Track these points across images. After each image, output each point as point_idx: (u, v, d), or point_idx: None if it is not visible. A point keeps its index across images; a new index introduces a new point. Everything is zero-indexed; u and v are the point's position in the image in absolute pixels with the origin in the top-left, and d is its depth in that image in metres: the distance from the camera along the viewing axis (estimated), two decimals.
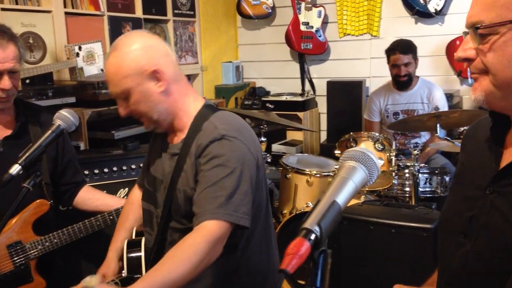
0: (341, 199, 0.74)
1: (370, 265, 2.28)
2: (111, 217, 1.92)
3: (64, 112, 1.40)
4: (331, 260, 0.67)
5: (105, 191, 2.46)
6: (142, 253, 1.54)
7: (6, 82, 1.72)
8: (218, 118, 1.43)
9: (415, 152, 2.87)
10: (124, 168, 2.57)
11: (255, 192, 1.43)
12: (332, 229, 0.69)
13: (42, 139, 1.34)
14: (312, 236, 0.67)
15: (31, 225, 1.82)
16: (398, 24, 4.36)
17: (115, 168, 2.55)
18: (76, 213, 2.04)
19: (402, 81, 3.54)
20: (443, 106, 3.52)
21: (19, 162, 1.28)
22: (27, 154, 1.30)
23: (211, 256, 1.31)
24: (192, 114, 1.46)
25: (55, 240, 1.84)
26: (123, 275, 1.54)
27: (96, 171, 2.50)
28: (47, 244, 1.82)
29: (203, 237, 1.29)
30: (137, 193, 1.76)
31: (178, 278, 1.26)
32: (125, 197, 2.50)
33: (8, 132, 1.84)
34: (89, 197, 2.05)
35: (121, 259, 1.63)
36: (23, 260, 1.80)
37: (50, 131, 1.37)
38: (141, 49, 1.39)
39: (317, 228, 0.68)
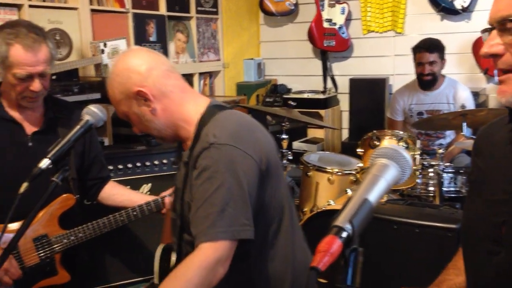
0: (373, 197, 0.73)
1: (392, 264, 2.25)
2: (134, 213, 1.93)
3: (92, 107, 1.41)
4: (362, 259, 0.66)
5: (128, 187, 2.49)
6: (171, 262, 1.52)
7: (36, 85, 1.74)
8: (215, 122, 1.35)
9: (440, 151, 2.82)
10: (147, 164, 2.60)
11: (263, 196, 1.35)
12: (363, 227, 0.68)
13: (71, 134, 1.35)
14: (344, 234, 0.66)
15: (57, 219, 1.85)
16: (423, 21, 4.29)
17: (138, 164, 2.58)
18: (100, 208, 2.06)
19: (426, 80, 3.48)
20: (470, 106, 3.45)
21: (49, 156, 1.29)
22: (56, 149, 1.31)
23: (211, 280, 1.23)
24: (194, 121, 1.39)
25: (80, 234, 1.86)
26: (154, 282, 1.54)
27: (120, 166, 2.53)
28: (72, 238, 1.84)
29: (198, 262, 1.22)
30: None
31: None
32: (148, 192, 2.53)
33: (37, 127, 1.87)
34: (114, 192, 2.07)
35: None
36: (49, 253, 1.82)
37: (78, 126, 1.38)
38: (123, 71, 1.36)
39: (348, 226, 0.67)
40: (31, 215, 1.29)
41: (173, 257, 1.50)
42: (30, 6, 2.84)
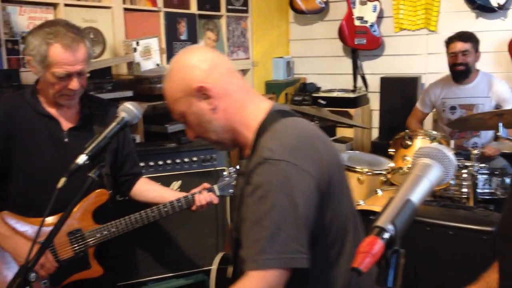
0: (415, 197, 0.71)
1: (424, 267, 2.21)
2: (165, 210, 1.95)
3: (128, 104, 1.42)
4: (404, 260, 0.65)
5: (159, 183, 2.52)
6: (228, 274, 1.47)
7: (74, 84, 1.77)
8: (273, 133, 1.23)
9: (475, 151, 2.75)
10: (178, 161, 2.62)
11: (323, 218, 1.21)
12: (406, 228, 0.67)
13: (107, 131, 1.36)
14: (386, 235, 0.65)
15: (91, 213, 1.87)
16: (458, 19, 4.19)
17: (169, 161, 2.60)
18: (131, 204, 2.08)
19: (458, 70, 3.40)
20: (509, 99, 3.36)
21: (86, 152, 1.30)
22: (93, 145, 1.32)
23: None
24: (254, 127, 1.28)
25: (113, 229, 1.88)
26: None
27: (151, 163, 2.56)
28: (105, 232, 1.87)
29: None
30: None
31: None
32: (178, 189, 2.55)
33: (73, 123, 1.90)
34: (146, 188, 2.09)
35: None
36: (82, 247, 1.85)
37: (115, 123, 1.38)
38: (185, 67, 1.29)
39: (391, 227, 0.66)
40: (68, 210, 1.31)
41: (230, 269, 1.44)
42: (66, 5, 2.89)
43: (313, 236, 1.18)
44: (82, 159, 1.29)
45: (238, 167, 2.09)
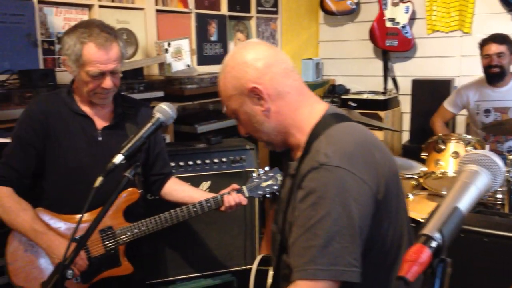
0: (463, 205, 0.69)
1: (459, 274, 2.15)
2: (194, 209, 1.96)
3: (163, 105, 1.43)
4: (450, 270, 0.63)
5: (188, 183, 2.53)
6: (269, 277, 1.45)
7: (108, 82, 1.79)
8: (328, 138, 1.19)
9: (511, 156, 2.67)
10: (207, 161, 2.63)
11: (378, 229, 1.17)
12: (453, 237, 0.65)
13: (143, 131, 1.37)
14: (433, 244, 0.63)
15: (122, 212, 1.89)
16: (493, 21, 4.09)
17: (198, 161, 2.61)
18: (161, 203, 2.10)
19: (494, 73, 3.32)
20: None
21: (122, 152, 1.32)
22: (129, 145, 1.33)
23: None
24: (307, 130, 1.25)
25: (143, 228, 1.90)
26: None
27: (181, 163, 2.58)
28: (135, 231, 1.89)
29: None
30: None
31: None
32: (208, 190, 2.56)
33: (107, 122, 1.93)
34: (175, 188, 2.11)
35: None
36: (113, 245, 1.87)
37: (150, 124, 1.39)
38: (239, 65, 1.25)
39: (438, 235, 0.64)
40: (104, 209, 1.32)
41: (271, 272, 1.43)
42: (100, 6, 2.94)
43: (368, 246, 1.15)
44: (118, 158, 1.31)
45: (267, 168, 2.08)
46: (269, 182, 2.04)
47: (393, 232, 1.21)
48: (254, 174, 2.06)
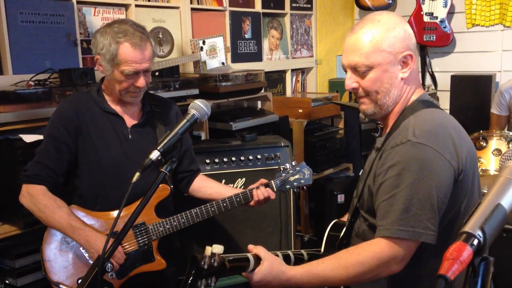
0: (506, 201, 0.66)
1: (501, 274, 2.09)
2: (224, 204, 1.96)
3: (198, 102, 1.44)
4: (493, 269, 0.60)
5: (224, 180, 2.54)
6: (340, 236, 1.56)
7: (141, 81, 1.82)
8: (417, 118, 1.32)
9: None
10: (242, 158, 2.63)
11: (458, 204, 1.30)
12: (496, 235, 0.62)
13: (178, 127, 1.39)
14: (475, 241, 0.61)
15: (154, 208, 1.91)
16: None
17: (233, 158, 2.62)
18: (190, 199, 2.10)
19: None
20: None
21: (158, 148, 1.33)
22: (165, 141, 1.35)
23: (380, 272, 1.26)
24: (402, 108, 1.39)
25: (175, 223, 1.91)
26: (321, 251, 1.59)
27: (216, 160, 2.59)
28: (167, 226, 1.90)
29: (373, 252, 1.25)
30: None
31: (334, 280, 1.28)
32: (242, 187, 2.56)
33: (136, 120, 1.95)
34: (204, 185, 2.11)
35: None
36: (146, 240, 1.89)
37: (185, 120, 1.41)
38: (403, 31, 1.35)
39: (480, 233, 0.61)
40: (141, 204, 1.34)
41: (343, 231, 1.54)
42: (136, 5, 2.99)
43: (450, 221, 1.28)
44: (155, 154, 1.33)
45: (294, 163, 2.09)
46: (297, 176, 2.04)
47: (466, 206, 1.31)
48: (282, 168, 2.06)
